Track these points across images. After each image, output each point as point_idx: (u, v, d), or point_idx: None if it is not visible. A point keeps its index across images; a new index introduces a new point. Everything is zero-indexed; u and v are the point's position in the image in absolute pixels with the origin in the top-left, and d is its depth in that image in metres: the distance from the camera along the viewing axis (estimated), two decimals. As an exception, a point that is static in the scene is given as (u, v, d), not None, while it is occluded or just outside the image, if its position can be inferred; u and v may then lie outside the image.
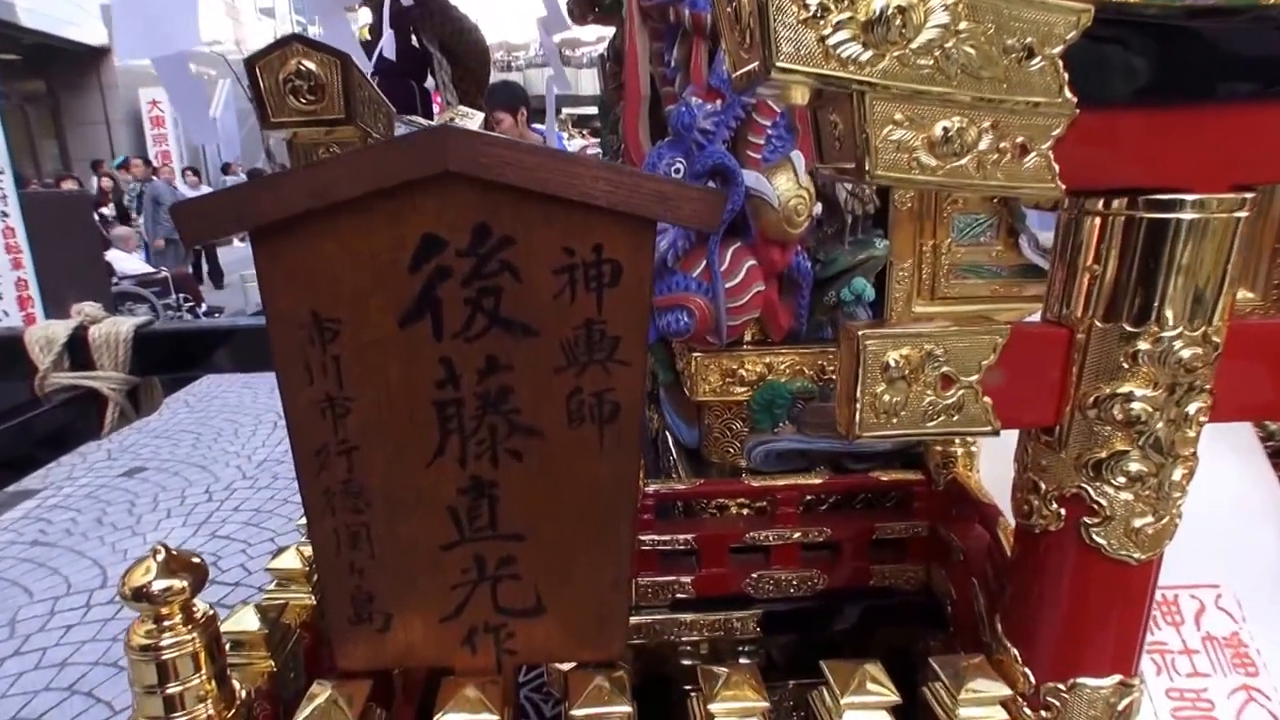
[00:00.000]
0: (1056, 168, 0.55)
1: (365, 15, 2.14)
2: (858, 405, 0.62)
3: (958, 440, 1.07)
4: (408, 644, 0.76)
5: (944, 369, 0.61)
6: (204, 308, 10.45)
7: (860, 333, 0.61)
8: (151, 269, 10.19)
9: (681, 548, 1.08)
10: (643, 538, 1.07)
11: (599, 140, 2.32)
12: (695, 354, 1.17)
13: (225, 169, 14.91)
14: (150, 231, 11.33)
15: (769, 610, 1.08)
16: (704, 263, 1.08)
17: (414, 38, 2.21)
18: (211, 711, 0.68)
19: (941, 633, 1.04)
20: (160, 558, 0.67)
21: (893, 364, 0.61)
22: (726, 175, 1.05)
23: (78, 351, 1.51)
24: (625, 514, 0.73)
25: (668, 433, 1.45)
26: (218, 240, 0.74)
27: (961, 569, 0.98)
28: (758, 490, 1.11)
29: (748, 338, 1.20)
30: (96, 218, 10.13)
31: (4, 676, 3.60)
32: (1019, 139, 0.55)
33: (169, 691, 0.66)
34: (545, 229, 0.64)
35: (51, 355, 1.49)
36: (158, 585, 0.66)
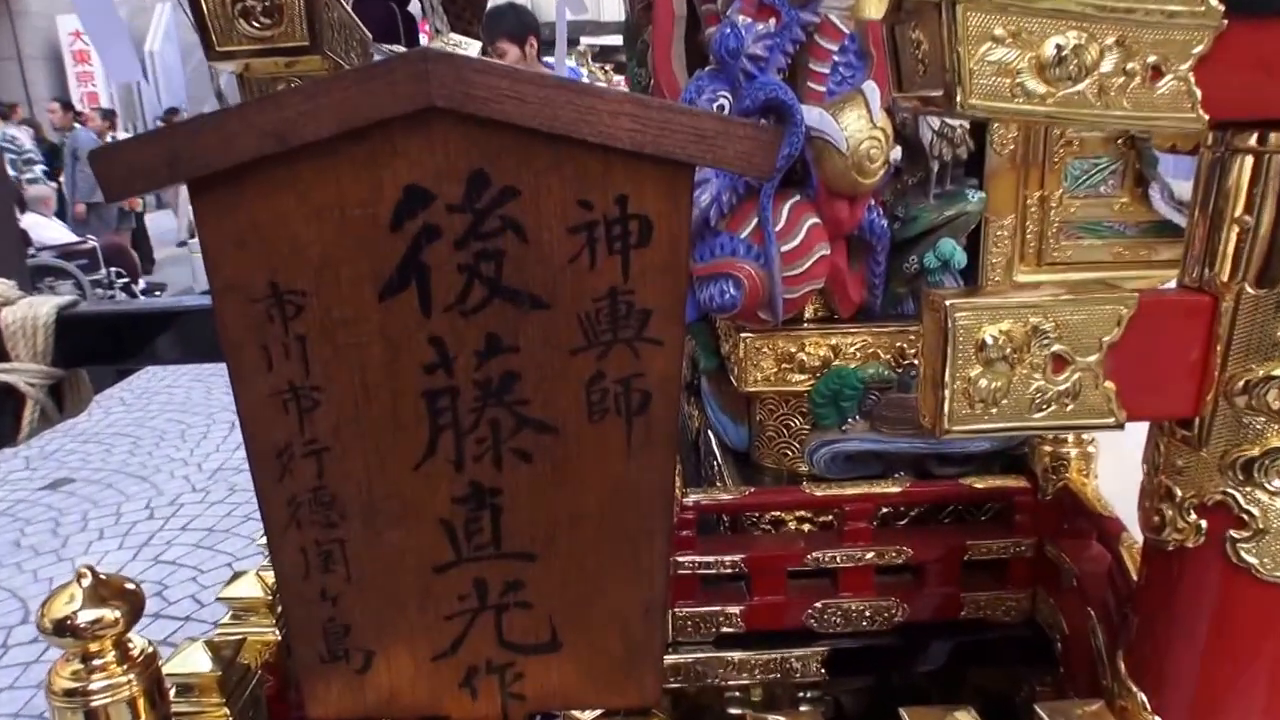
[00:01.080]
0: (1198, 94, 0.55)
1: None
2: (946, 393, 0.62)
3: (1071, 438, 1.07)
4: (393, 687, 0.77)
5: (1055, 347, 0.62)
6: (142, 284, 10.59)
7: (949, 303, 0.61)
8: (76, 237, 10.29)
9: (728, 571, 1.09)
10: (681, 559, 1.08)
11: (626, 78, 2.32)
12: (745, 334, 1.18)
13: (169, 115, 15.05)
14: (70, 193, 11.46)
15: (836, 648, 1.09)
16: (755, 221, 1.09)
17: (395, -50, 2.22)
18: None
19: (1050, 675, 1.04)
20: (87, 583, 0.69)
21: (990, 341, 0.61)
22: (782, 112, 1.05)
23: None
24: (659, 527, 0.74)
25: (710, 433, 1.47)
26: (151, 193, 0.75)
27: (1075, 596, 0.98)
28: (822, 501, 1.12)
29: (809, 314, 1.20)
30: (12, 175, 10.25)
31: (-96, 731, 3.68)
32: (1151, 58, 0.54)
33: None
34: (556, 178, 0.64)
35: None
36: (85, 616, 0.67)
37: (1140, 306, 0.61)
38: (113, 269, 10.08)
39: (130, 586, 0.70)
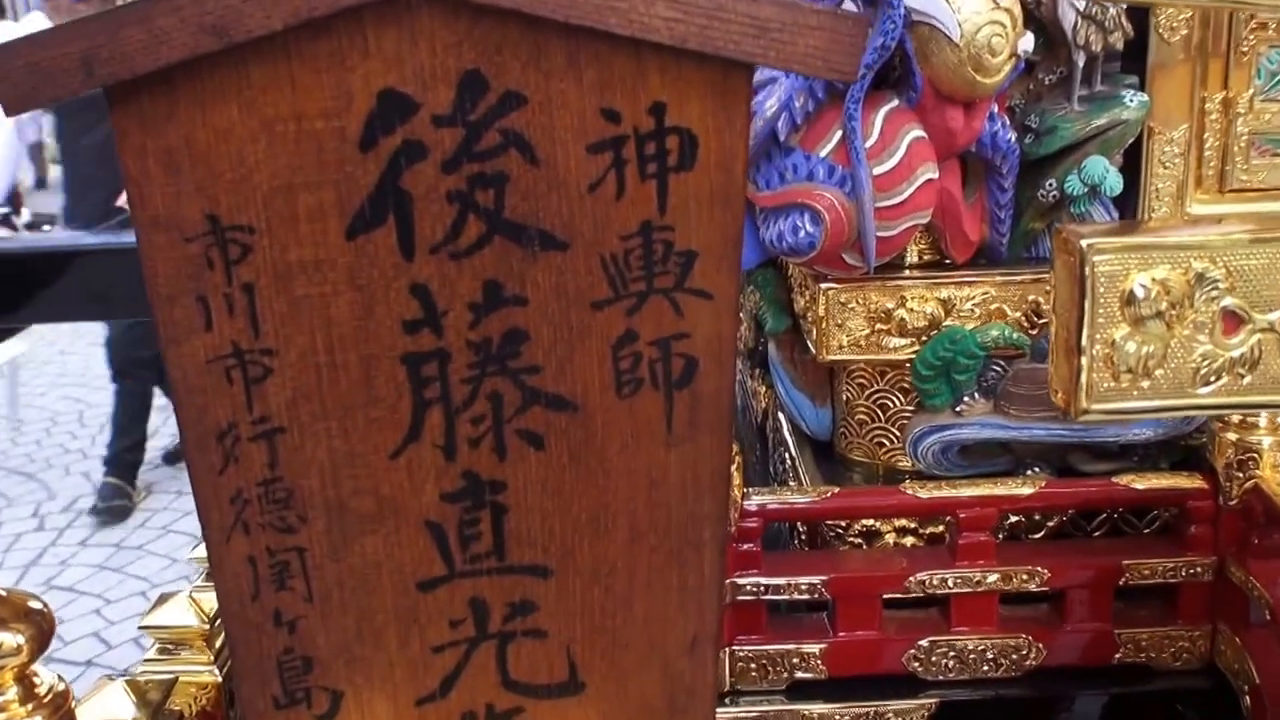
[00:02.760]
0: None
1: None
2: (1083, 361, 0.65)
3: (1264, 421, 1.08)
4: None
5: (1227, 301, 0.64)
6: (26, 215, 10.71)
7: (1086, 243, 0.64)
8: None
9: (805, 598, 1.12)
10: (741, 580, 1.11)
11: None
12: (826, 286, 1.21)
13: None
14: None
15: (947, 700, 1.12)
16: (837, 134, 1.11)
17: None
18: None
19: (1237, 737, 1.06)
20: (-22, 594, 0.73)
21: (1141, 293, 0.64)
22: None
23: None
24: (710, 534, 0.77)
25: (781, 416, 1.50)
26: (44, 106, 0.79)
27: (1269, 634, 1.00)
28: (929, 506, 1.15)
29: (912, 257, 1.23)
30: None
31: None
32: None
33: None
34: (574, 81, 0.67)
35: None
36: None
37: None
38: (-15, 197, 10.19)
39: (36, 605, 0.74)
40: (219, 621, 1.01)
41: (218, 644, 1.00)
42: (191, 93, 0.67)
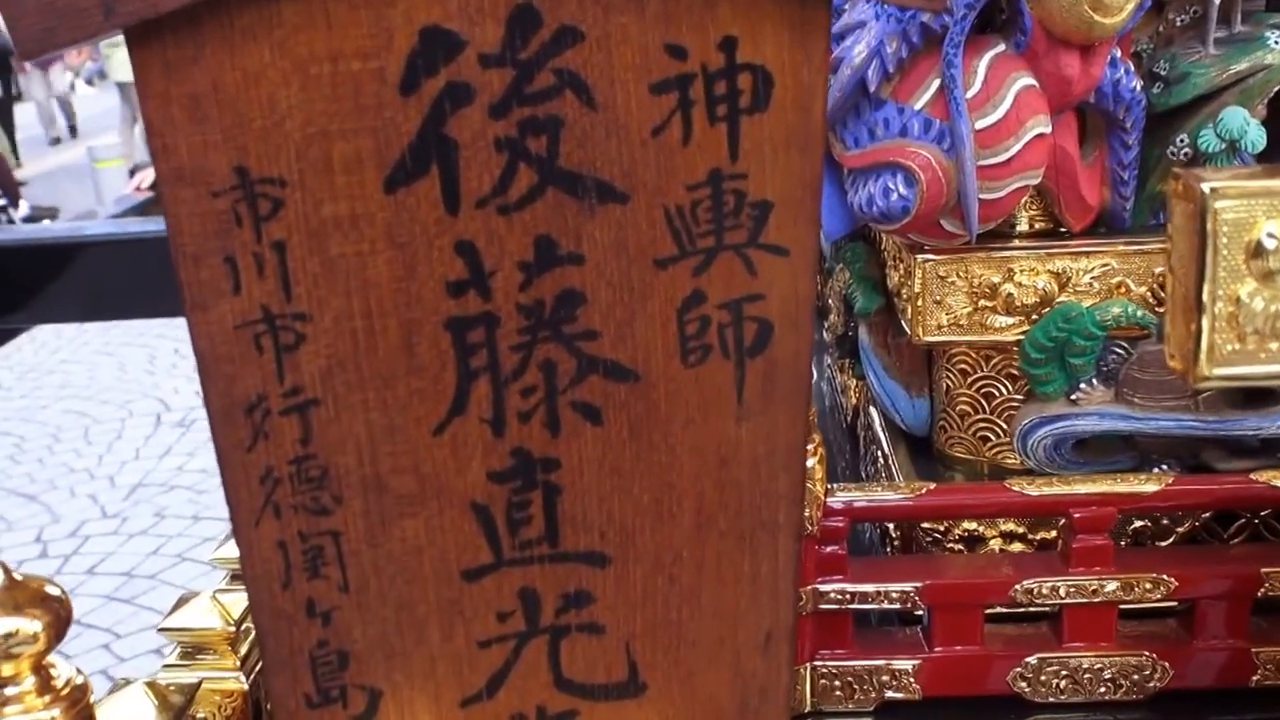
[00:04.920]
0: None
1: None
2: (1204, 320, 0.67)
3: None
4: None
5: None
6: (24, 209, 10.94)
7: (1207, 187, 0.66)
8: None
9: (896, 607, 1.14)
10: (824, 587, 1.13)
11: None
12: (923, 257, 1.23)
13: None
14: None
15: None
16: (934, 84, 1.13)
17: None
18: None
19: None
20: (-2, 580, 0.77)
21: (1271, 244, 0.66)
22: None
23: None
24: (786, 519, 0.80)
25: (873, 410, 1.52)
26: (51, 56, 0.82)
27: None
28: (1040, 505, 1.16)
29: (1022, 224, 1.25)
30: None
31: None
32: None
33: None
34: (636, 13, 0.69)
35: None
36: None
37: None
38: (-19, 186, 10.40)
39: (54, 591, 0.77)
40: (244, 625, 1.04)
41: (243, 650, 1.04)
42: (219, 33, 0.69)
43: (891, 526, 1.28)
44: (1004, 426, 1.28)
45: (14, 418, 7.41)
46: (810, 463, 1.11)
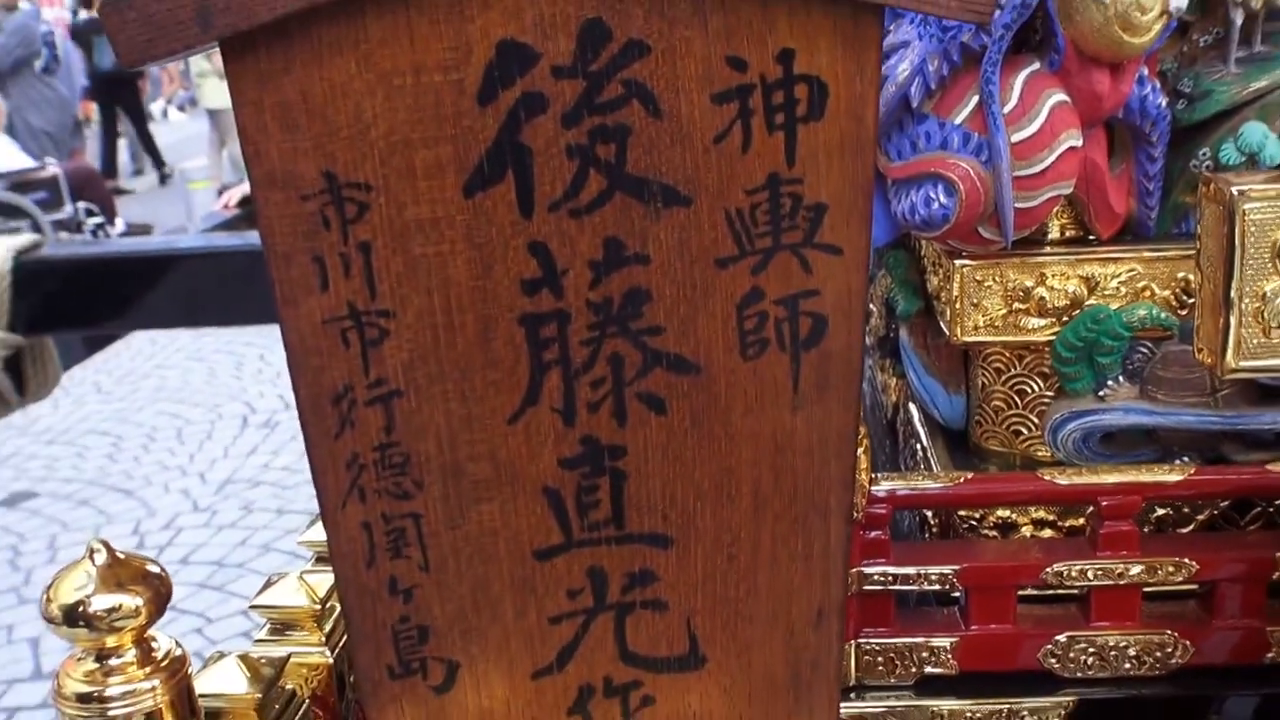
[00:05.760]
0: None
1: None
2: (1232, 316, 0.66)
3: None
4: (482, 712, 0.85)
5: None
6: (120, 225, 11.04)
7: (1237, 189, 0.65)
8: (32, 161, 10.72)
9: (935, 589, 1.14)
10: (869, 569, 1.13)
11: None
12: (960, 262, 1.23)
13: None
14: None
15: (1086, 698, 1.13)
16: (973, 100, 1.13)
17: None
18: None
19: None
20: (101, 560, 0.77)
21: None
22: None
23: None
24: (837, 503, 0.79)
25: (913, 406, 1.52)
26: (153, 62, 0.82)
27: None
28: (1069, 493, 1.16)
29: (1054, 232, 1.24)
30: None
31: None
32: None
33: None
34: (699, 28, 0.69)
35: None
36: (100, 603, 0.75)
37: None
38: (81, 204, 10.49)
39: (154, 569, 0.78)
40: (329, 603, 1.05)
41: (327, 626, 1.04)
42: (308, 45, 0.70)
43: (930, 514, 1.28)
44: (1035, 421, 1.28)
45: (112, 419, 7.49)
46: (858, 453, 1.12)
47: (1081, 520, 1.20)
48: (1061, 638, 1.13)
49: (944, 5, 0.68)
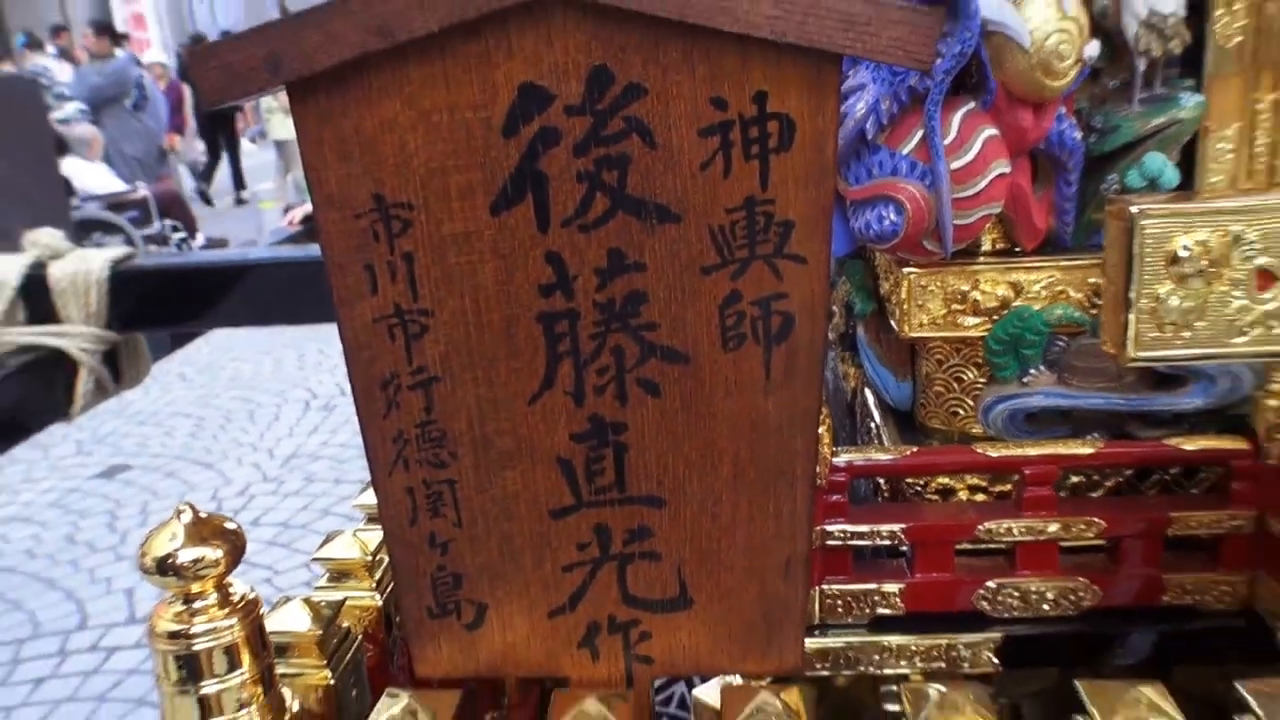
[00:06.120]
0: None
1: None
2: (1132, 315, 0.67)
3: None
4: (506, 645, 0.86)
5: (1260, 260, 0.66)
6: (201, 239, 11.03)
7: (1135, 209, 0.66)
8: (125, 185, 10.72)
9: (886, 544, 1.14)
10: (830, 528, 1.13)
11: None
12: (908, 270, 1.23)
13: (195, 43, 15.80)
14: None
15: (1011, 635, 1.13)
16: (919, 133, 1.12)
17: None
18: None
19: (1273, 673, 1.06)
20: (187, 519, 0.78)
21: (1183, 253, 0.66)
22: (953, 2, 1.08)
23: (36, 298, 1.64)
24: (802, 471, 0.80)
25: (868, 391, 1.52)
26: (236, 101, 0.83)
27: None
28: (998, 463, 1.16)
29: (986, 244, 1.24)
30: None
31: (-40, 739, 3.97)
32: None
33: (204, 691, 0.77)
34: (688, 73, 0.70)
35: (1, 304, 1.63)
36: (186, 555, 0.76)
37: None
38: (167, 222, 10.49)
39: (231, 526, 0.79)
40: (379, 555, 1.06)
41: (377, 575, 1.05)
42: (361, 89, 0.71)
43: (882, 481, 1.28)
44: (970, 403, 1.28)
45: (194, 403, 7.50)
46: (820, 430, 1.12)
47: (1009, 486, 1.19)
48: (991, 584, 1.13)
49: (893, 55, 0.69)
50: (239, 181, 15.63)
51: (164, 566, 0.76)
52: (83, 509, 5.92)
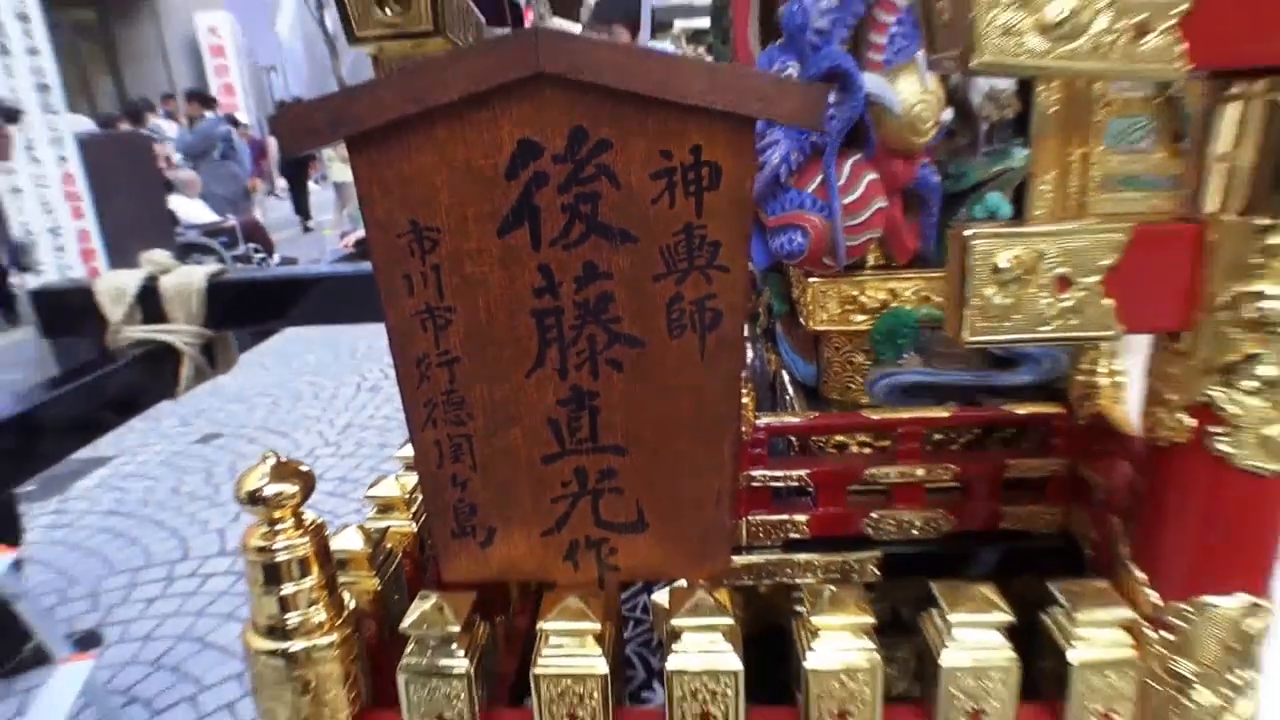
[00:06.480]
0: (1181, 47, 0.60)
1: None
2: (966, 309, 0.69)
3: (1103, 369, 1.10)
4: (510, 558, 0.87)
5: (1059, 270, 0.68)
6: (277, 259, 10.94)
7: (967, 233, 0.68)
8: (218, 217, 10.65)
9: (795, 485, 1.15)
10: (754, 473, 1.14)
11: (712, 55, 2.37)
12: (811, 280, 1.24)
13: (279, 106, 15.73)
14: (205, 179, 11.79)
15: (890, 553, 1.15)
16: (819, 177, 1.14)
17: (502, -59, 2.28)
18: (323, 616, 0.81)
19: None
20: (271, 464, 0.79)
21: (1003, 265, 0.67)
22: (844, 80, 1.10)
23: (149, 303, 1.65)
24: (729, 426, 0.81)
25: (784, 372, 1.52)
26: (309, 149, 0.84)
27: (1102, 509, 1.02)
28: (878, 424, 1.17)
29: (869, 261, 1.25)
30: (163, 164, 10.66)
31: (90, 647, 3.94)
32: (1139, 17, 0.60)
33: (283, 592, 0.79)
34: (642, 131, 0.72)
35: (123, 307, 1.64)
36: (270, 490, 0.78)
37: (1136, 235, 0.67)
38: (250, 245, 10.43)
39: (304, 469, 0.80)
40: (414, 493, 1.07)
41: (413, 509, 1.06)
42: (400, 143, 0.72)
43: (794, 439, 1.29)
44: (860, 379, 1.29)
45: (272, 385, 7.43)
46: (746, 400, 1.14)
47: (888, 442, 1.21)
48: (875, 514, 1.14)
49: (791, 119, 0.71)
50: (305, 214, 15.56)
51: (254, 498, 0.78)
52: (185, 467, 5.88)
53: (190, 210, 10.66)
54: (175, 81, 16.90)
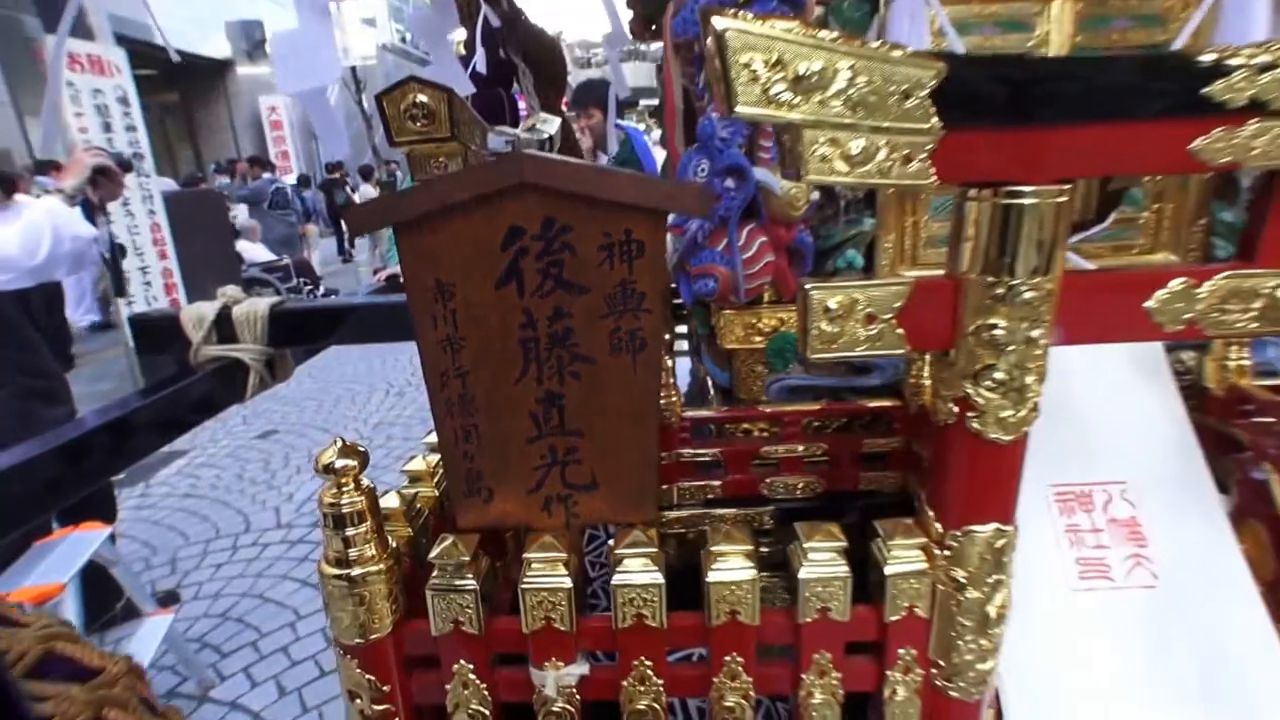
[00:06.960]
0: (933, 170, 0.73)
1: (461, 33, 2.34)
2: (808, 336, 0.80)
3: (927, 373, 1.21)
4: (504, 510, 0.93)
5: (868, 309, 0.78)
6: (321, 290, 10.92)
7: (808, 286, 0.80)
8: (275, 256, 10.63)
9: (713, 459, 1.24)
10: (681, 451, 1.23)
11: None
12: (723, 311, 1.32)
13: (331, 169, 15.62)
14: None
15: (781, 508, 1.23)
16: (725, 240, 1.24)
17: (501, 51, 2.39)
18: (374, 552, 0.89)
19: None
20: (339, 445, 0.90)
21: (831, 307, 0.77)
22: (741, 172, 1.21)
23: (223, 327, 1.67)
24: (653, 415, 0.89)
25: (708, 378, 1.60)
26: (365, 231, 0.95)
27: (929, 473, 1.13)
28: (772, 415, 1.26)
29: (765, 298, 1.33)
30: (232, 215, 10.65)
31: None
32: (905, 151, 0.73)
33: (347, 534, 0.88)
34: (592, 220, 0.80)
35: (203, 331, 1.68)
36: (339, 463, 0.87)
37: (915, 288, 0.78)
38: (301, 279, 10.40)
39: (362, 448, 0.87)
40: (436, 467, 1.13)
41: (436, 478, 1.13)
42: (430, 229, 0.81)
43: (713, 426, 1.34)
44: (760, 384, 1.35)
45: (318, 391, 7.41)
46: (672, 399, 1.25)
47: (779, 428, 1.27)
48: (770, 480, 1.21)
49: (687, 209, 0.82)
50: (346, 254, 15.49)
51: (328, 468, 0.87)
52: (247, 458, 5.89)
53: (253, 251, 10.60)
54: (241, 150, 16.87)
